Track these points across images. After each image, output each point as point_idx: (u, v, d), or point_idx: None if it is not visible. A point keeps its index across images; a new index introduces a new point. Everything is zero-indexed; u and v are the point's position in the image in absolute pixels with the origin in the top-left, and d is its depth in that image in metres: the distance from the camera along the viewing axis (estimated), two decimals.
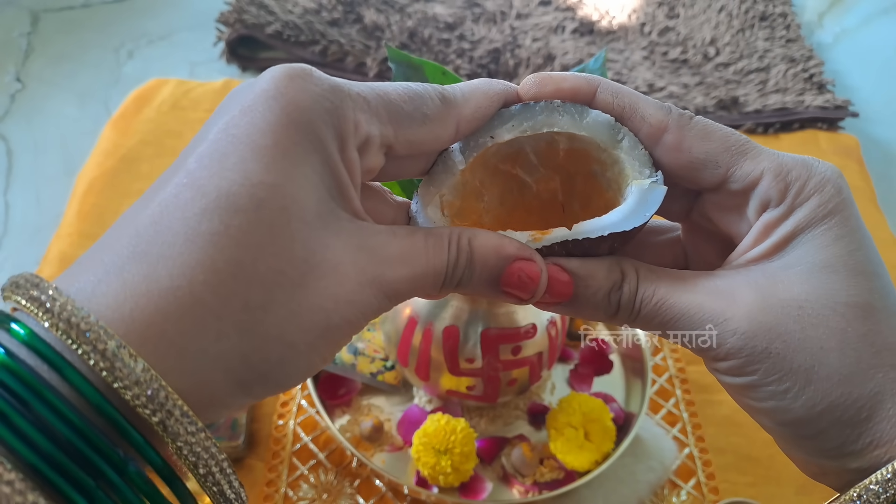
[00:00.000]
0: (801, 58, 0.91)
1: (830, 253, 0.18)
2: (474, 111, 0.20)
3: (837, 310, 0.17)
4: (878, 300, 0.17)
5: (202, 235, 0.15)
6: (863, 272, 0.17)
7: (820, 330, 0.17)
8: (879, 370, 0.17)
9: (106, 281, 0.15)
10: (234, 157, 0.15)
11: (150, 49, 0.92)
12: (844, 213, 0.18)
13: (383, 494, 0.46)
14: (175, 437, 0.14)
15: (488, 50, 0.89)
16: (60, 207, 0.66)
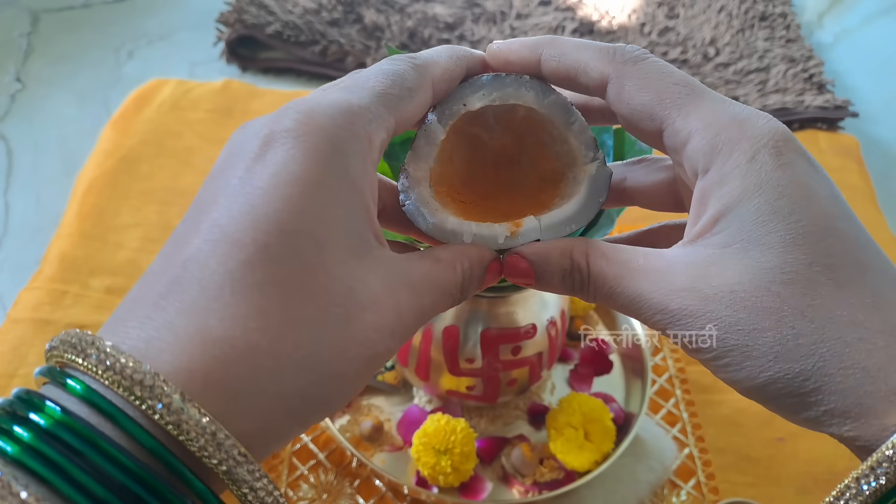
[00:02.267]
0: (800, 58, 0.92)
1: (766, 228, 0.17)
2: (444, 72, 0.21)
3: (772, 289, 0.17)
4: (820, 272, 0.17)
5: (249, 286, 0.15)
6: (803, 243, 0.17)
7: (753, 313, 0.17)
8: (822, 344, 0.16)
9: (158, 337, 0.15)
10: (264, 209, 0.16)
11: (150, 49, 0.92)
12: (782, 180, 0.17)
13: (383, 494, 0.46)
14: (241, 485, 0.15)
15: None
16: (60, 207, 0.66)
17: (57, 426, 0.14)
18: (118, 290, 0.57)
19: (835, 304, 0.17)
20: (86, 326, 0.54)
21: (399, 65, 0.19)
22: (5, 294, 0.62)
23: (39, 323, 0.53)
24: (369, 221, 0.18)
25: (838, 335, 0.16)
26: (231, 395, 0.15)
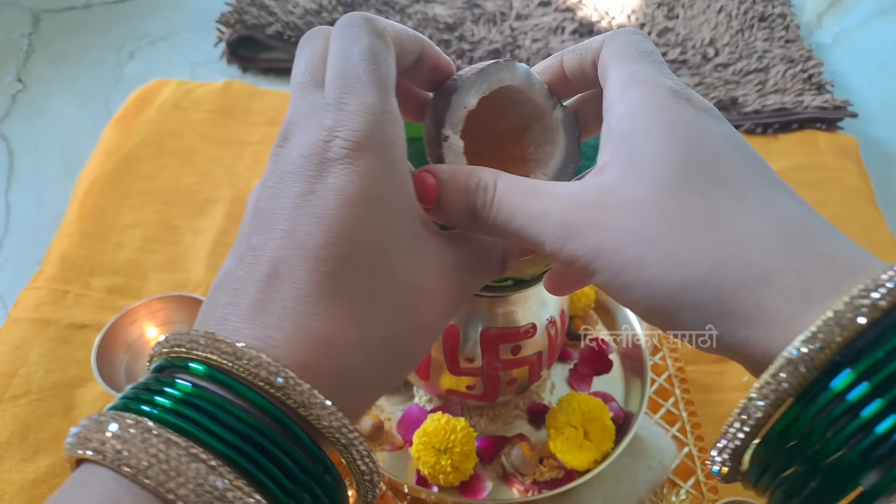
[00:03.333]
0: (800, 58, 0.92)
1: (666, 147, 0.18)
2: (397, 35, 0.22)
3: (672, 199, 0.17)
4: (717, 184, 0.17)
5: (336, 292, 0.18)
6: (700, 160, 0.18)
7: (654, 220, 0.17)
8: (720, 248, 0.16)
9: (270, 336, 0.18)
10: (337, 226, 0.18)
11: (150, 50, 0.93)
12: (679, 109, 0.19)
13: (383, 493, 0.46)
14: (353, 457, 0.19)
15: (488, 51, 0.89)
16: (61, 207, 0.67)
17: (189, 395, 0.17)
18: (119, 289, 0.57)
19: (731, 213, 0.17)
20: (87, 326, 0.54)
21: (365, 37, 0.20)
22: (6, 293, 0.62)
23: (40, 322, 0.53)
24: (418, 216, 0.21)
25: (735, 239, 0.16)
26: (336, 382, 0.18)
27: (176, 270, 0.59)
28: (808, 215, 0.17)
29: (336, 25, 0.21)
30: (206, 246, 0.61)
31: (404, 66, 0.22)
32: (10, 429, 0.47)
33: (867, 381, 0.14)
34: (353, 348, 0.19)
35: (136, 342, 0.46)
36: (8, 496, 0.44)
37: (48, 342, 0.52)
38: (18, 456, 0.46)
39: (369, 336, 0.19)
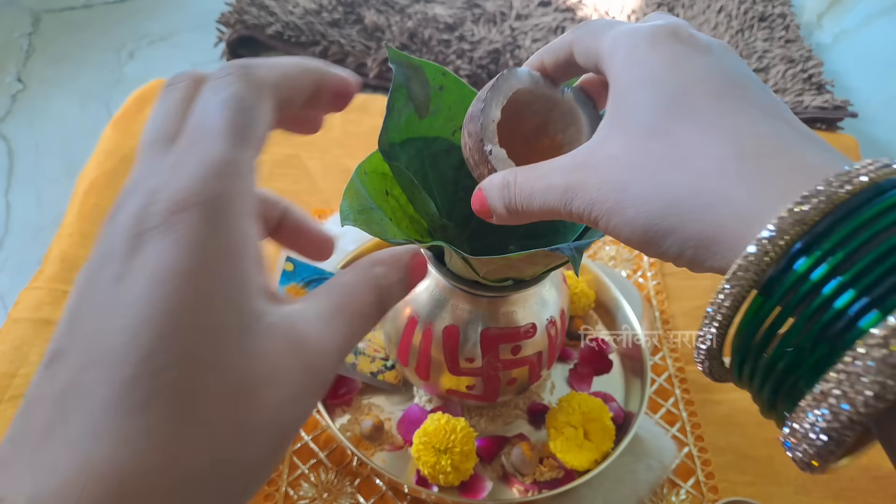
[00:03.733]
0: (800, 58, 0.92)
1: (637, 98, 0.20)
2: (282, 77, 0.19)
3: (640, 147, 0.19)
4: (681, 119, 0.19)
5: (135, 405, 0.14)
6: (666, 101, 0.19)
7: (625, 170, 0.19)
8: (678, 179, 0.18)
9: (45, 480, 0.14)
10: (143, 315, 0.15)
11: (151, 50, 0.93)
12: (653, 58, 0.20)
13: (383, 493, 0.46)
14: None
15: (488, 51, 0.89)
16: (61, 207, 0.67)
17: None
18: None
19: (693, 143, 0.18)
20: None
21: (232, 84, 0.18)
22: (6, 293, 0.62)
23: (40, 322, 0.53)
24: (257, 286, 0.17)
25: (693, 167, 0.18)
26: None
27: None
28: (780, 131, 0.18)
29: (208, 76, 0.18)
30: None
31: (298, 102, 0.20)
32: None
33: (825, 263, 0.15)
34: (154, 479, 0.14)
35: None
36: None
37: (48, 342, 0.52)
38: None
39: (178, 459, 0.14)
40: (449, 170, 0.39)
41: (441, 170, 0.39)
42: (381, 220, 0.36)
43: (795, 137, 0.18)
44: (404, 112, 0.36)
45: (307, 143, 0.73)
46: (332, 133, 0.75)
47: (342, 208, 0.36)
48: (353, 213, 0.36)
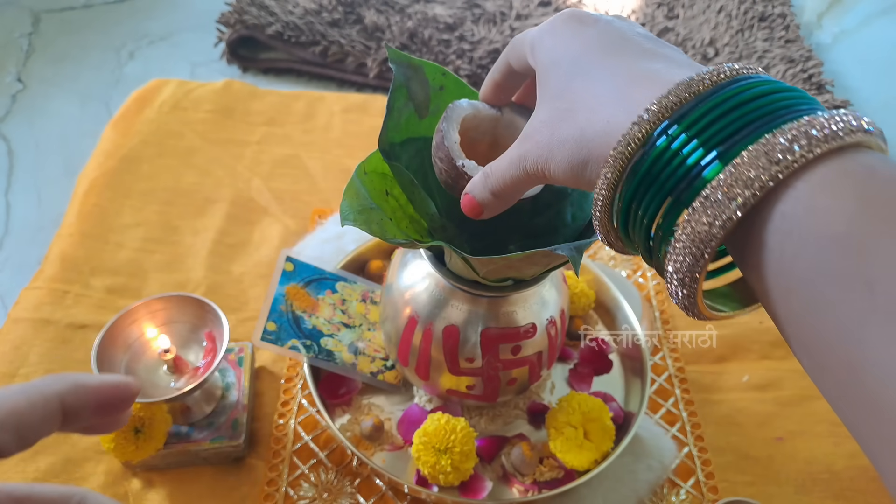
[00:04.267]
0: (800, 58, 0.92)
1: (540, 92, 0.26)
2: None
3: (547, 119, 0.25)
4: (563, 104, 0.24)
5: None
6: (552, 96, 0.25)
7: (545, 133, 0.25)
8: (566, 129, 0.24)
9: None
10: None
11: (150, 50, 0.93)
12: (547, 54, 0.26)
13: (383, 493, 0.46)
14: None
15: (488, 51, 0.89)
16: (61, 207, 0.67)
17: None
18: (119, 289, 0.57)
19: (585, 92, 0.23)
20: (87, 326, 0.54)
21: None
22: (6, 293, 0.62)
23: (40, 322, 0.53)
24: None
25: (587, 108, 0.23)
26: None
27: (176, 270, 0.59)
28: (654, 66, 0.23)
29: None
30: (206, 246, 0.61)
31: (43, 433, 0.20)
32: None
33: (685, 133, 0.20)
34: None
35: (135, 342, 0.46)
36: None
37: (48, 342, 0.52)
38: (18, 456, 0.46)
39: None
40: None
41: None
42: (381, 220, 0.36)
43: (666, 66, 0.23)
44: (404, 112, 0.36)
45: (307, 144, 0.73)
46: (331, 133, 0.75)
47: (342, 208, 0.36)
48: (353, 213, 0.36)
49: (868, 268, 0.16)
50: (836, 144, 0.17)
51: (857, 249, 0.16)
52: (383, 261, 0.56)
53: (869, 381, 0.16)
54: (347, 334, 0.50)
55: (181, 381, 0.45)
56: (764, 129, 0.18)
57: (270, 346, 0.46)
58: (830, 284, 0.17)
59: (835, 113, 0.18)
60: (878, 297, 0.15)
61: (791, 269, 0.18)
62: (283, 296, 0.49)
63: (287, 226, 0.64)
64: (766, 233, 0.18)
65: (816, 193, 0.17)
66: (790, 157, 0.17)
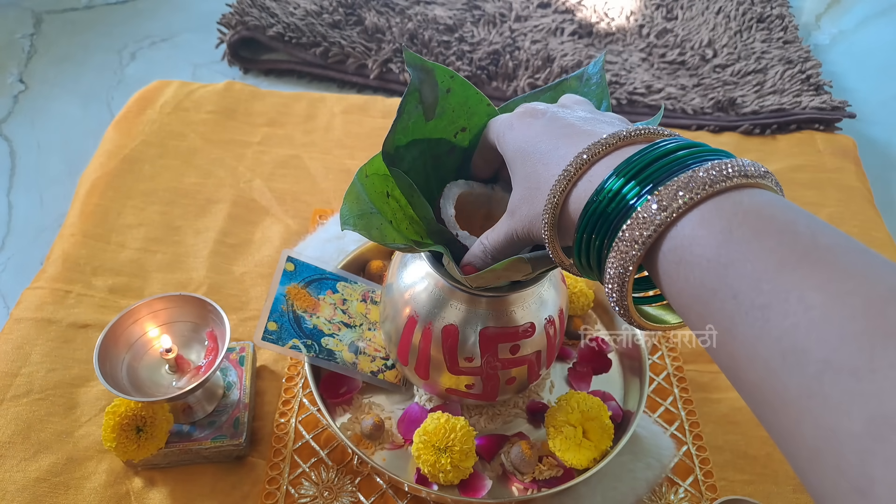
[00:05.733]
0: (798, 59, 0.92)
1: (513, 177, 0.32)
2: None
3: (517, 198, 0.31)
4: (523, 188, 0.31)
5: None
6: (517, 183, 0.31)
7: (518, 206, 0.31)
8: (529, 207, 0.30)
9: None
10: None
11: (152, 51, 0.93)
12: (509, 147, 0.32)
13: (384, 492, 0.46)
14: None
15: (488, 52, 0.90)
16: (63, 208, 0.67)
17: None
18: (121, 289, 0.58)
19: (537, 167, 0.29)
20: (89, 326, 0.54)
21: None
22: (9, 293, 0.63)
23: (42, 322, 0.54)
24: None
25: (539, 177, 0.29)
26: None
27: (177, 270, 0.60)
28: (584, 127, 0.29)
29: None
30: (208, 246, 0.62)
31: None
32: (11, 428, 0.47)
33: (623, 178, 0.24)
34: None
35: (137, 342, 0.46)
36: (10, 495, 0.44)
37: (50, 342, 0.53)
38: (20, 455, 0.46)
39: None
40: (450, 170, 0.39)
41: (443, 171, 0.39)
42: (380, 225, 0.37)
43: (593, 122, 0.29)
44: (413, 115, 0.36)
45: (308, 144, 0.74)
46: (332, 134, 0.75)
47: (342, 212, 0.36)
48: (353, 218, 0.36)
49: (732, 281, 0.20)
50: (715, 189, 0.22)
51: (724, 269, 0.20)
52: (383, 261, 0.57)
53: (742, 372, 0.20)
54: (348, 334, 0.50)
55: (183, 380, 0.45)
56: (665, 178, 0.23)
57: (271, 346, 0.47)
58: (711, 298, 0.21)
59: (714, 163, 0.23)
60: (742, 303, 0.20)
61: (685, 289, 0.22)
62: (284, 295, 0.49)
63: (288, 226, 0.64)
64: (665, 263, 0.23)
65: (696, 228, 0.22)
66: (676, 203, 0.22)
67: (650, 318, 0.28)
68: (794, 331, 0.18)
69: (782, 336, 0.18)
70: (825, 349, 0.17)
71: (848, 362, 0.17)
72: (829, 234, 0.20)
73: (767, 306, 0.19)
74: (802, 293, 0.18)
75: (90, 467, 0.46)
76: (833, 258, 0.19)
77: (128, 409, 0.43)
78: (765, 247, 0.20)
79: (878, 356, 0.16)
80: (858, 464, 0.16)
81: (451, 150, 0.38)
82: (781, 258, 0.19)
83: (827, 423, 0.17)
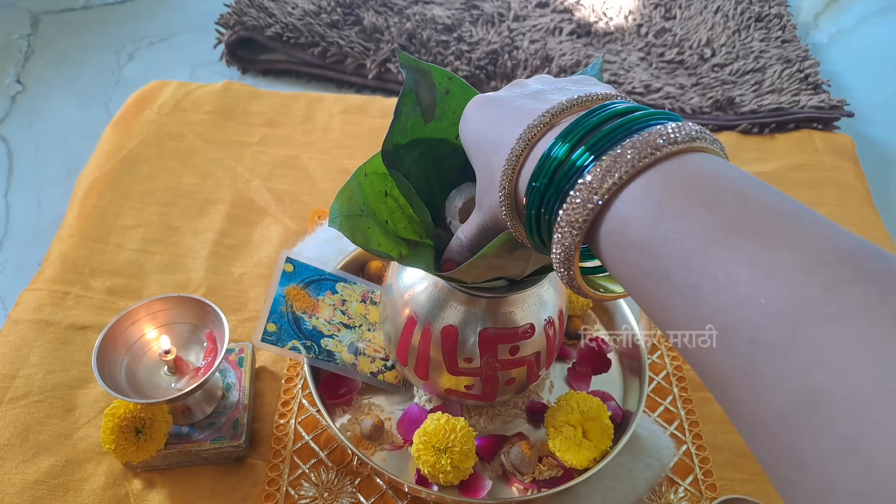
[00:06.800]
0: (796, 58, 0.92)
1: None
2: None
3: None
4: (481, 184, 0.31)
5: None
6: (478, 176, 0.31)
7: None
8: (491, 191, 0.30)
9: None
10: None
11: (150, 51, 0.93)
12: (466, 136, 0.31)
13: (384, 493, 0.46)
14: None
15: (486, 52, 0.90)
16: (61, 209, 0.67)
17: None
18: (119, 290, 0.57)
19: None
20: (87, 327, 0.54)
21: None
22: (6, 295, 0.63)
23: (40, 324, 0.54)
24: None
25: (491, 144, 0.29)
26: None
27: (176, 271, 0.60)
28: (537, 97, 0.28)
29: None
30: (206, 247, 0.62)
31: None
32: (10, 430, 0.47)
33: (556, 156, 0.24)
34: None
35: (136, 343, 0.46)
36: (9, 497, 0.44)
37: (48, 343, 0.53)
38: (19, 457, 0.46)
39: None
40: (451, 172, 0.39)
41: (444, 172, 0.39)
42: (367, 229, 0.36)
43: (541, 95, 0.28)
44: (411, 116, 0.36)
45: (307, 145, 0.73)
46: (331, 134, 0.75)
47: (332, 210, 0.36)
48: (341, 218, 0.36)
49: (665, 262, 0.20)
50: (644, 164, 0.21)
51: (656, 249, 0.20)
52: (383, 261, 0.56)
53: (685, 352, 0.21)
54: (347, 335, 0.50)
55: (182, 381, 0.45)
56: (601, 152, 0.23)
57: (271, 347, 0.46)
58: (647, 278, 0.21)
59: (642, 135, 0.22)
60: (675, 283, 0.20)
61: (624, 271, 0.22)
62: (283, 297, 0.49)
63: (287, 226, 0.64)
64: (604, 245, 0.23)
65: (629, 208, 0.22)
66: (606, 184, 0.22)
67: (600, 288, 0.28)
68: (723, 310, 0.18)
69: (714, 315, 0.18)
70: (751, 327, 0.17)
71: (773, 339, 0.17)
72: (759, 200, 0.19)
73: (698, 285, 0.19)
74: (730, 269, 0.18)
75: (89, 469, 0.46)
76: (762, 227, 0.18)
77: (127, 411, 0.43)
78: (694, 222, 0.20)
79: (800, 330, 0.16)
80: (793, 440, 0.16)
81: (453, 151, 0.38)
82: (709, 233, 0.19)
83: (760, 401, 0.17)
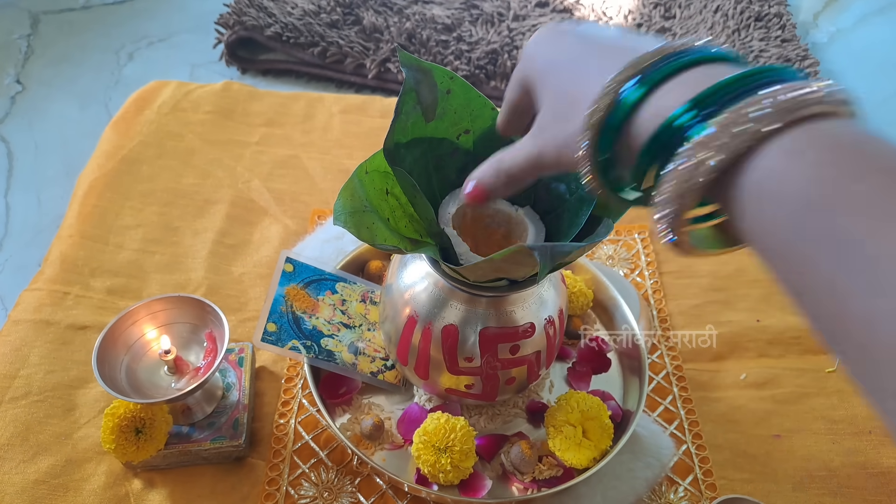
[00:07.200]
0: (796, 57, 0.92)
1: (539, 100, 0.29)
2: None
3: (544, 120, 0.29)
4: (551, 111, 0.28)
5: None
6: (546, 103, 0.29)
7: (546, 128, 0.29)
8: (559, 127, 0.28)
9: None
10: None
11: (150, 51, 0.93)
12: (532, 71, 0.29)
13: (384, 492, 0.46)
14: None
15: (486, 51, 0.90)
16: (61, 209, 0.67)
17: None
18: (119, 290, 0.57)
19: (570, 77, 0.27)
20: (87, 327, 0.54)
21: None
22: (7, 295, 0.63)
23: (40, 324, 0.54)
24: None
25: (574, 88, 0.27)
26: None
27: (176, 271, 0.60)
28: (615, 43, 0.26)
29: None
30: (206, 246, 0.62)
31: None
32: (10, 430, 0.47)
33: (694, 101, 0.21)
34: None
35: (136, 343, 0.46)
36: (9, 497, 0.44)
37: (48, 343, 0.53)
38: (19, 457, 0.46)
39: None
40: (452, 172, 0.39)
41: (445, 172, 0.39)
42: (371, 225, 0.36)
43: (629, 37, 0.27)
44: (412, 115, 0.36)
45: (307, 144, 0.73)
46: (331, 134, 0.75)
47: (336, 208, 0.36)
48: (345, 215, 0.36)
49: (837, 231, 0.18)
50: (804, 113, 0.19)
51: (824, 215, 0.18)
52: (383, 261, 0.56)
53: (855, 330, 0.17)
54: (347, 334, 0.50)
55: (182, 381, 0.45)
56: (743, 96, 0.20)
57: (271, 347, 0.46)
58: (806, 246, 0.18)
59: (795, 84, 0.20)
60: (851, 258, 0.17)
61: (773, 231, 0.20)
62: (283, 297, 0.49)
63: (287, 226, 0.64)
64: (745, 197, 0.20)
65: (783, 160, 0.19)
66: (759, 125, 0.19)
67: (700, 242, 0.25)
68: None
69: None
70: None
71: None
72: None
73: (877, 258, 0.16)
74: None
75: (89, 469, 0.46)
76: None
77: (127, 411, 0.43)
78: (874, 190, 0.17)
79: None
80: None
81: (454, 151, 0.38)
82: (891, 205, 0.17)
83: None
